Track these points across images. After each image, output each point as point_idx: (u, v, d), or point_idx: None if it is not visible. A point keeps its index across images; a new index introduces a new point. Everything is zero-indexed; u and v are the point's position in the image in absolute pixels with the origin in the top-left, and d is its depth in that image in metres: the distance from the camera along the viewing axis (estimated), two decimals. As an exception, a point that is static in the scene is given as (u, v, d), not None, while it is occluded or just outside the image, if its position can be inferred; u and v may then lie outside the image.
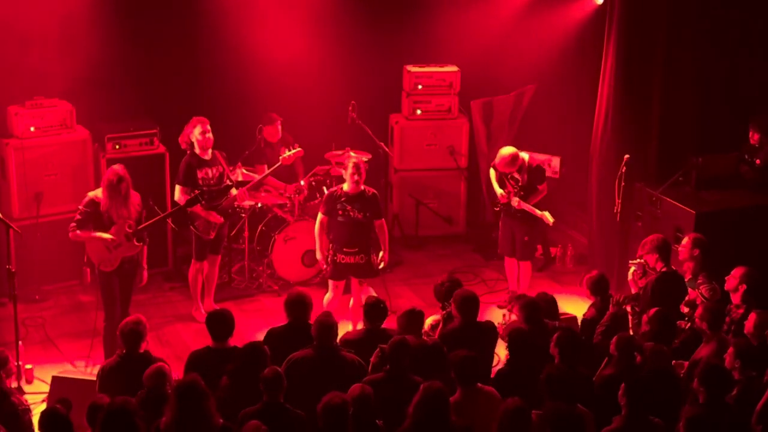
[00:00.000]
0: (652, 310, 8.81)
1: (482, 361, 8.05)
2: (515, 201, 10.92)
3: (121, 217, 9.54)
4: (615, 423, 7.18)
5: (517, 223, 11.13)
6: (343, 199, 10.11)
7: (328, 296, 10.36)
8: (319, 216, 10.29)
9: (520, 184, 10.97)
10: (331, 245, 10.23)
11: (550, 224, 11.01)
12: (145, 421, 6.94)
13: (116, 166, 9.67)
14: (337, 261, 10.19)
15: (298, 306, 8.51)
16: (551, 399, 7.32)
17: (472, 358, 7.61)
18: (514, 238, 11.21)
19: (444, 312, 9.04)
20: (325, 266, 10.38)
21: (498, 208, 11.30)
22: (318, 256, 10.37)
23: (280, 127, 11.82)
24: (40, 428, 7.00)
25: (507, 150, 10.95)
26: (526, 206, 10.94)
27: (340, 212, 10.10)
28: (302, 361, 7.91)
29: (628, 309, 9.51)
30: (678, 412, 7.27)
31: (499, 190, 11.09)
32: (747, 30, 11.76)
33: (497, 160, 10.99)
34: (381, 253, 10.32)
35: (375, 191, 10.33)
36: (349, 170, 10.08)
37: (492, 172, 11.29)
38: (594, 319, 9.17)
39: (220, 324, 8.23)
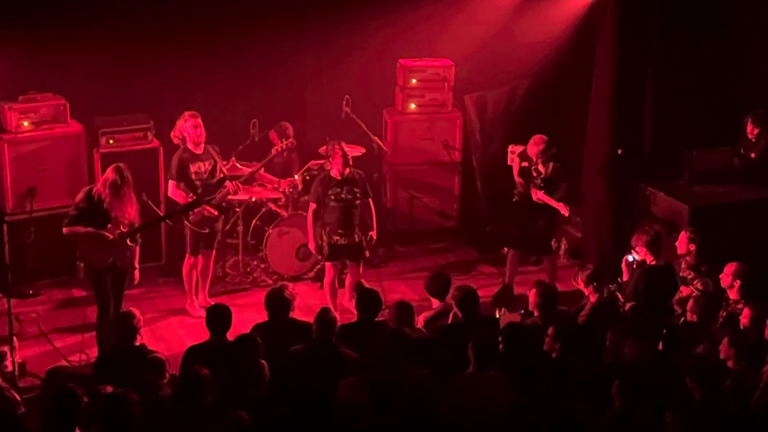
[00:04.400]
0: (628, 305, 8.89)
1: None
2: (535, 193, 10.96)
3: (119, 215, 9.50)
4: (608, 415, 7.21)
5: (533, 217, 11.18)
6: (332, 184, 10.38)
7: (326, 278, 10.67)
8: (310, 205, 10.57)
9: (542, 176, 10.98)
10: (325, 229, 10.45)
11: (566, 215, 11.07)
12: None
13: (121, 165, 9.59)
14: (332, 243, 10.42)
15: (277, 303, 8.56)
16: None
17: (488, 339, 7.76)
18: (527, 232, 11.26)
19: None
20: (319, 256, 10.66)
21: (515, 200, 11.30)
22: (310, 245, 10.63)
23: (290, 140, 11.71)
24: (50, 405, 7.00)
25: (540, 137, 11.01)
26: (545, 198, 10.97)
27: (331, 197, 10.37)
28: (301, 355, 7.92)
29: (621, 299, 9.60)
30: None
31: (523, 182, 11.15)
32: (743, 24, 11.79)
33: (529, 146, 11.01)
34: (369, 233, 10.60)
35: (361, 172, 10.64)
36: (338, 153, 10.38)
37: (514, 164, 11.29)
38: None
39: (218, 318, 8.25)
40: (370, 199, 10.67)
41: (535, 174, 11.03)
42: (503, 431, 7.22)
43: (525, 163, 11.14)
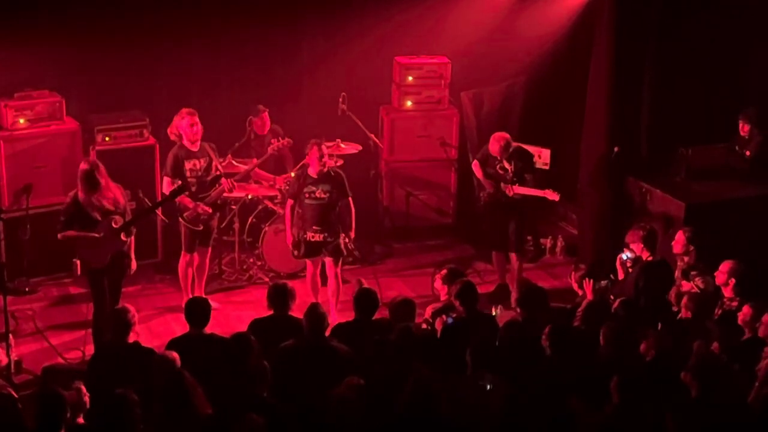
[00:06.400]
0: (617, 301, 8.88)
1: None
2: (509, 189, 10.87)
3: (102, 208, 9.49)
4: (606, 411, 7.21)
5: (506, 215, 11.09)
6: (308, 182, 10.33)
7: (307, 273, 10.68)
8: (288, 201, 10.57)
9: (510, 172, 10.93)
10: (300, 225, 10.46)
11: (557, 200, 10.90)
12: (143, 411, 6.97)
13: (89, 158, 9.59)
14: (307, 239, 10.39)
15: (280, 298, 8.59)
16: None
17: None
18: (503, 231, 11.17)
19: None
20: (295, 252, 10.55)
21: (484, 202, 11.25)
22: (288, 240, 10.58)
23: (267, 119, 11.84)
24: (36, 408, 6.97)
25: (501, 134, 10.92)
26: (524, 190, 10.87)
27: (306, 195, 10.33)
28: (292, 352, 7.92)
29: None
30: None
31: (492, 183, 11.05)
32: (740, 21, 11.79)
33: (491, 144, 10.91)
34: (343, 235, 10.45)
35: (340, 171, 10.52)
36: (314, 153, 10.27)
37: (476, 168, 11.25)
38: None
39: (198, 310, 8.32)
40: (350, 199, 10.48)
41: (502, 171, 10.97)
42: (501, 430, 7.22)
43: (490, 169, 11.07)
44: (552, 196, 10.79)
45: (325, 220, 10.37)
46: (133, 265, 9.93)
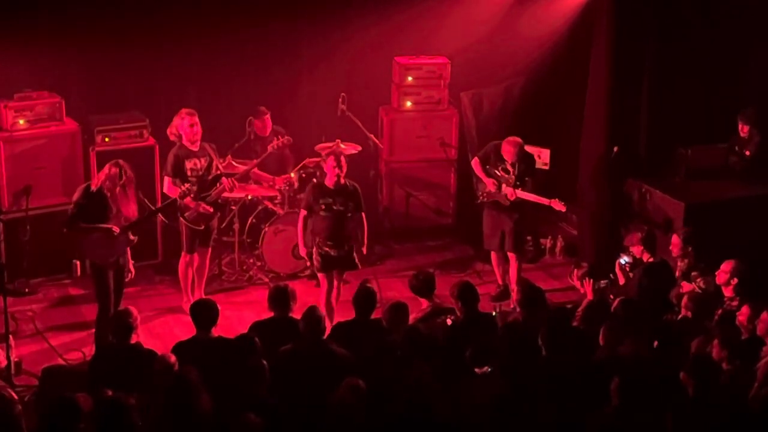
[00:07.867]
0: (616, 300, 8.89)
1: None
2: (511, 193, 10.85)
3: (120, 210, 9.51)
4: (605, 412, 7.22)
5: (505, 215, 11.08)
6: (324, 193, 10.11)
7: (321, 289, 10.37)
8: (301, 211, 10.33)
9: (513, 175, 10.91)
10: (315, 239, 10.21)
11: (563, 210, 10.81)
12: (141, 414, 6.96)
13: (120, 161, 9.58)
14: (323, 253, 10.17)
15: (281, 300, 8.57)
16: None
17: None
18: (502, 231, 11.15)
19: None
20: (308, 262, 10.37)
21: (480, 201, 11.25)
22: (301, 252, 10.39)
23: (269, 121, 11.85)
24: (45, 415, 6.95)
25: (515, 139, 10.81)
26: (530, 197, 10.79)
27: (322, 207, 10.09)
28: (291, 355, 7.92)
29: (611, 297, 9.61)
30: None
31: (493, 181, 11.02)
32: (739, 21, 11.81)
33: (504, 149, 10.80)
34: (361, 248, 10.31)
35: (356, 184, 10.32)
36: (330, 163, 10.10)
37: (476, 165, 11.24)
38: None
39: (205, 313, 8.29)
40: (363, 214, 10.29)
41: (505, 174, 10.93)
42: (500, 430, 7.23)
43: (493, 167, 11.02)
44: (558, 206, 10.69)
45: (339, 235, 10.11)
46: (132, 269, 9.94)
